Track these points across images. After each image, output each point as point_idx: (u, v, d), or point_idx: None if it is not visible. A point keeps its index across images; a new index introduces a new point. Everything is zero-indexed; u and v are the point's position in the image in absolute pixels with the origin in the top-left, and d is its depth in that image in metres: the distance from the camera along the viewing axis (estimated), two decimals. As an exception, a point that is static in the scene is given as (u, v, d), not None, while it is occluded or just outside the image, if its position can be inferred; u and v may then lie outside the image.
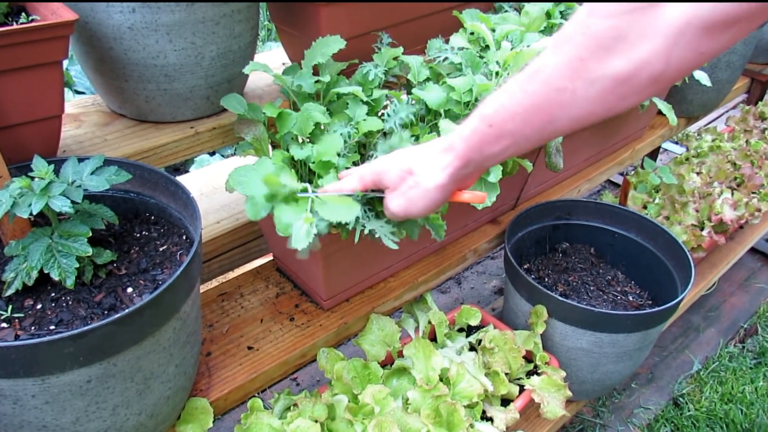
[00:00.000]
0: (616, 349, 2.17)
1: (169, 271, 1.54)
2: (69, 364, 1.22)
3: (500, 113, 1.27)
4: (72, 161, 1.51)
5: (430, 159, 1.42)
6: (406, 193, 1.46)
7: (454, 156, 1.38)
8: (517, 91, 1.24)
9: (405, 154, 1.47)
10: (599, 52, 1.11)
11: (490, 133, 1.30)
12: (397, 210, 1.49)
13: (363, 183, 1.54)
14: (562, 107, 1.20)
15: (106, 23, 1.68)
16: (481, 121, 1.31)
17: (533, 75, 1.21)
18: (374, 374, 1.88)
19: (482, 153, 1.35)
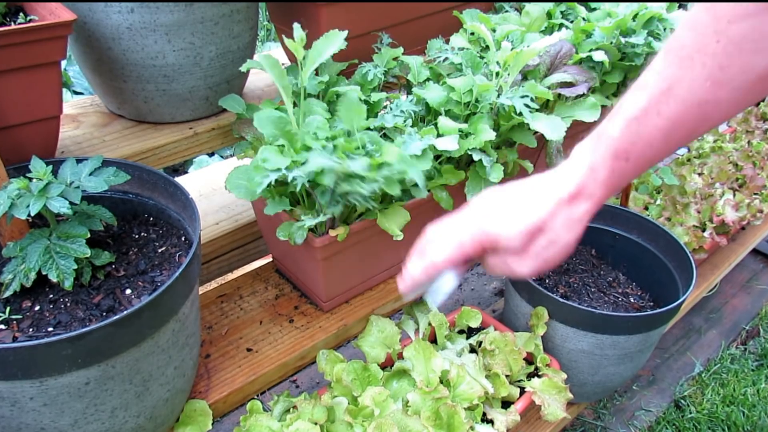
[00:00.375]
0: (617, 351, 2.17)
1: (167, 272, 1.54)
2: (67, 366, 1.22)
3: (637, 145, 1.13)
4: (70, 162, 1.51)
5: (562, 212, 1.22)
6: (539, 255, 1.24)
7: (591, 203, 1.22)
8: (649, 116, 1.11)
9: (519, 209, 1.23)
10: (742, 56, 1.02)
11: (629, 168, 1.17)
12: (528, 272, 1.25)
13: (465, 250, 1.27)
14: (704, 119, 1.10)
15: (104, 23, 1.69)
16: (616, 158, 1.16)
17: (666, 95, 1.09)
18: (374, 376, 1.88)
19: (620, 187, 1.23)
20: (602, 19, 2.44)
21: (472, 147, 1.84)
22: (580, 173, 1.20)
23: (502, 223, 1.22)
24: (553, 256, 1.23)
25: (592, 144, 1.19)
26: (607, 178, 1.18)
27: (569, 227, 1.22)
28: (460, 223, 1.28)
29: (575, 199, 1.21)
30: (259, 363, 1.83)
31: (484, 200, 1.28)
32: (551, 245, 1.22)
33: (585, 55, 2.25)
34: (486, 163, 1.87)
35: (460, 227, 1.28)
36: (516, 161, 2.08)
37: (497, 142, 2.04)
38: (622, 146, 1.14)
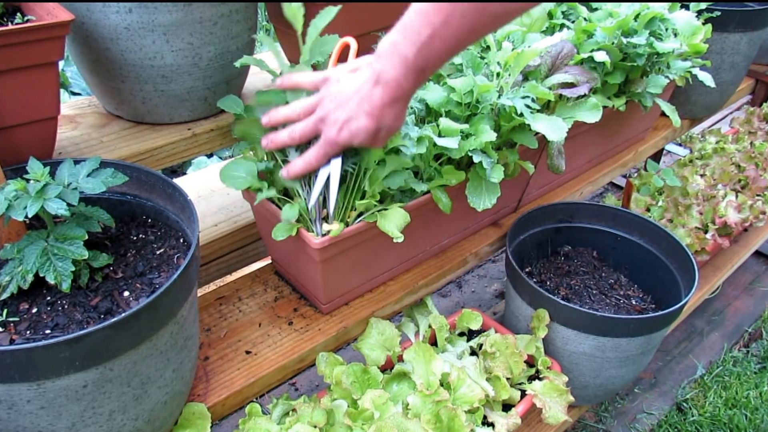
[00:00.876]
0: (619, 353, 2.17)
1: (166, 274, 1.54)
2: (65, 369, 1.22)
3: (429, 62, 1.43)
4: (68, 163, 1.51)
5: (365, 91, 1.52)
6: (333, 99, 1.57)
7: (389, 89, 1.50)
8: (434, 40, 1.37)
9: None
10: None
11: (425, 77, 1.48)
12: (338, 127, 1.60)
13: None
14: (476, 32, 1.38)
15: (102, 23, 1.69)
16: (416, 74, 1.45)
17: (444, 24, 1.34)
18: (374, 379, 1.88)
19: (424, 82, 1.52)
20: (604, 20, 2.44)
21: (472, 148, 1.84)
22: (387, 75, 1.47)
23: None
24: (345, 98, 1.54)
25: (393, 60, 1.45)
26: (413, 84, 1.48)
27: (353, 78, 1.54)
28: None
29: (376, 84, 1.49)
30: (258, 365, 1.83)
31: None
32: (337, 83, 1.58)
33: (586, 55, 2.25)
34: (486, 165, 1.87)
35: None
36: (517, 162, 2.08)
37: (498, 143, 2.04)
38: (417, 65, 1.42)
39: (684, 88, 3.06)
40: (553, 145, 2.20)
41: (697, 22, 2.60)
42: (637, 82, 2.47)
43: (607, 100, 2.39)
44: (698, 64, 2.66)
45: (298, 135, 1.64)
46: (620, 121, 2.75)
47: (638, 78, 2.49)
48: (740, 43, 2.94)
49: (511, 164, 2.07)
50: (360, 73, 1.54)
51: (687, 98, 3.16)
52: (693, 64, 2.63)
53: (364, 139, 1.56)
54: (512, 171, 2.09)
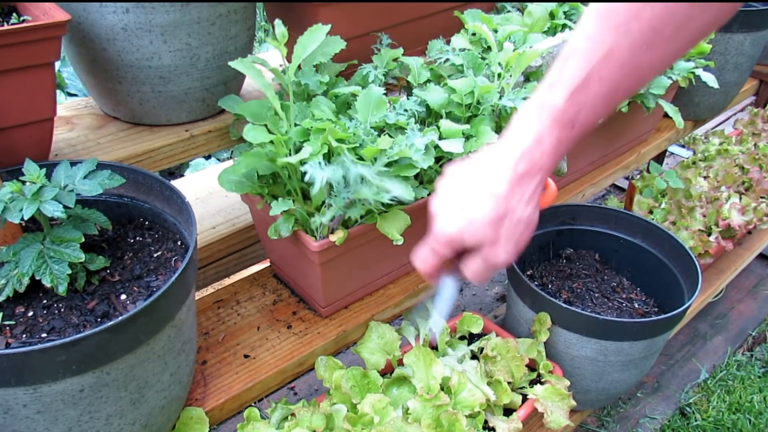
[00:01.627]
0: (622, 357, 2.17)
1: (163, 277, 1.54)
2: (61, 373, 1.22)
3: (581, 112, 1.19)
4: (64, 165, 1.51)
5: (517, 191, 1.23)
6: (510, 238, 1.27)
7: (541, 175, 1.24)
8: (591, 83, 1.16)
9: (476, 204, 1.25)
10: (675, 19, 1.10)
11: (574, 134, 1.22)
12: (509, 257, 1.29)
13: (438, 257, 1.35)
14: (640, 78, 1.18)
15: (99, 24, 1.69)
16: (564, 128, 1.20)
17: (606, 61, 1.14)
18: (373, 383, 1.88)
19: (566, 153, 1.28)
20: (606, 20, 2.44)
21: (474, 149, 1.85)
22: (527, 146, 1.22)
23: (462, 224, 1.25)
24: (522, 234, 1.27)
25: (536, 114, 1.21)
26: (554, 147, 1.21)
27: (526, 204, 1.24)
28: (432, 231, 1.33)
29: (526, 176, 1.22)
30: (257, 370, 1.83)
31: (442, 204, 1.31)
32: (517, 225, 1.25)
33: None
34: (488, 166, 1.87)
35: (431, 236, 1.33)
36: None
37: (499, 145, 2.04)
38: (567, 116, 1.18)
39: (687, 89, 3.06)
40: (555, 147, 2.20)
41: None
42: (639, 83, 2.47)
43: (610, 102, 2.39)
44: (702, 64, 2.66)
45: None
46: (623, 123, 2.75)
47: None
48: (744, 44, 2.94)
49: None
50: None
51: (690, 99, 3.17)
52: (696, 64, 2.63)
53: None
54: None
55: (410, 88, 2.14)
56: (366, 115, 1.82)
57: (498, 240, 1.25)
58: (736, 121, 3.89)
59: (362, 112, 1.82)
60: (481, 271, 1.31)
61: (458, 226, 1.25)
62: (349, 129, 1.73)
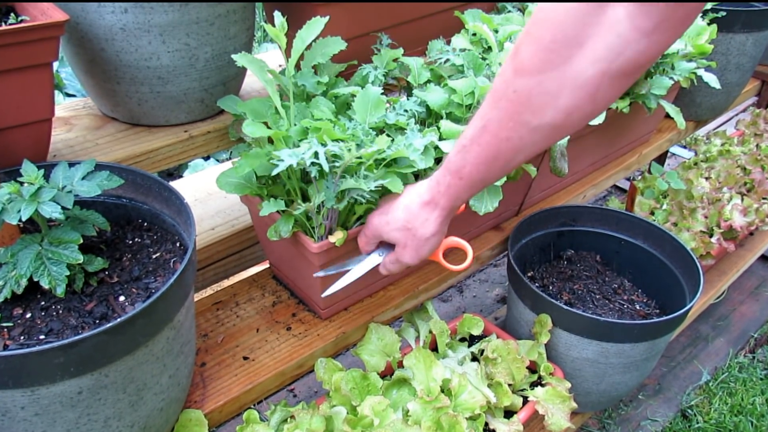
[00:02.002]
0: (623, 359, 2.17)
1: (162, 279, 1.53)
2: (59, 375, 1.22)
3: (466, 167, 1.49)
4: (62, 166, 1.51)
5: (420, 214, 1.64)
6: (411, 246, 1.69)
7: (439, 209, 1.61)
8: (473, 146, 1.44)
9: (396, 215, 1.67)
10: (531, 106, 1.32)
11: (463, 185, 1.53)
12: (410, 261, 1.73)
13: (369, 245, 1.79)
14: (515, 151, 1.41)
15: (97, 24, 1.69)
16: (453, 176, 1.53)
17: (482, 130, 1.41)
18: (373, 385, 1.88)
19: (460, 198, 1.59)
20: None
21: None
22: (432, 185, 1.61)
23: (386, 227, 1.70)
24: (421, 246, 1.68)
25: (443, 164, 1.57)
26: (446, 190, 1.57)
27: (425, 225, 1.64)
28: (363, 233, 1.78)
29: (428, 205, 1.62)
30: (256, 372, 1.83)
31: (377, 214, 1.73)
32: (416, 238, 1.67)
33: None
34: (488, 167, 1.87)
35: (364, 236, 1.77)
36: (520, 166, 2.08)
37: (499, 146, 2.04)
38: (455, 167, 1.52)
39: (689, 90, 3.06)
40: (556, 148, 2.20)
41: (702, 22, 2.60)
42: (641, 83, 2.47)
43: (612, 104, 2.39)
44: (703, 65, 2.66)
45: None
46: (624, 123, 2.75)
47: (642, 79, 2.49)
48: (746, 44, 2.94)
49: (513, 167, 2.07)
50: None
51: (692, 100, 3.16)
52: (698, 65, 2.63)
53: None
54: (514, 174, 2.09)
55: (410, 88, 2.14)
56: (364, 115, 1.82)
57: (406, 245, 1.69)
58: (738, 122, 3.89)
59: (360, 112, 1.83)
60: (391, 262, 1.78)
61: (380, 225, 1.71)
62: (348, 129, 1.73)
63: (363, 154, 1.60)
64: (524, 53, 1.27)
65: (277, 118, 1.80)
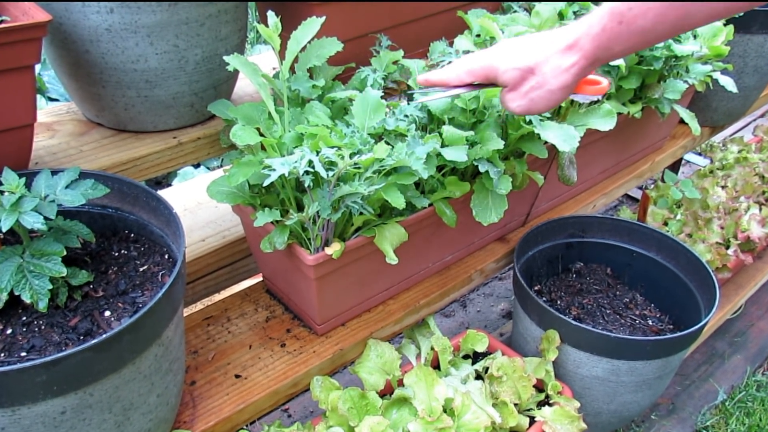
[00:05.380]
0: (635, 377, 2.17)
1: (150, 293, 1.54)
2: (42, 394, 1.22)
3: (633, 9, 1.32)
4: (45, 174, 1.51)
5: (554, 58, 1.47)
6: (528, 94, 1.53)
7: (580, 55, 1.44)
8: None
9: (521, 49, 1.51)
10: None
11: (621, 31, 1.36)
12: (517, 110, 1.58)
13: (473, 76, 1.61)
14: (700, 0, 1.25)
15: (81, 24, 1.69)
16: (611, 18, 1.36)
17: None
18: (372, 405, 1.88)
19: (610, 51, 1.42)
20: (617, 20, 2.44)
21: (478, 157, 1.85)
22: (578, 28, 1.44)
23: (504, 59, 1.52)
24: (539, 98, 1.53)
25: (599, 7, 1.41)
26: (598, 34, 1.40)
27: (556, 74, 1.47)
28: (474, 56, 1.60)
29: (568, 50, 1.45)
30: (249, 390, 1.83)
31: (502, 42, 1.58)
32: (539, 87, 1.50)
33: (599, 58, 2.25)
34: (493, 175, 1.87)
35: (473, 58, 1.60)
36: (525, 173, 2.08)
37: (505, 153, 2.04)
38: (618, 8, 1.35)
39: (704, 94, 3.06)
40: (564, 155, 2.21)
41: (719, 23, 2.60)
42: (653, 87, 2.48)
43: (622, 107, 2.39)
44: (719, 67, 2.66)
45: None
46: (636, 129, 2.76)
47: (655, 83, 2.49)
48: (764, 46, 2.94)
49: (519, 175, 2.07)
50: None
51: (707, 104, 3.17)
52: (714, 67, 2.63)
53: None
54: (520, 182, 2.09)
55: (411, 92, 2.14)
56: (363, 121, 1.82)
57: (518, 88, 1.53)
58: (755, 128, 3.89)
59: (359, 117, 1.82)
60: (502, 103, 1.62)
61: (497, 58, 1.53)
62: (345, 136, 1.73)
63: (360, 162, 1.60)
64: None
65: (270, 124, 1.80)
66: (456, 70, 1.61)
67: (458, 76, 1.61)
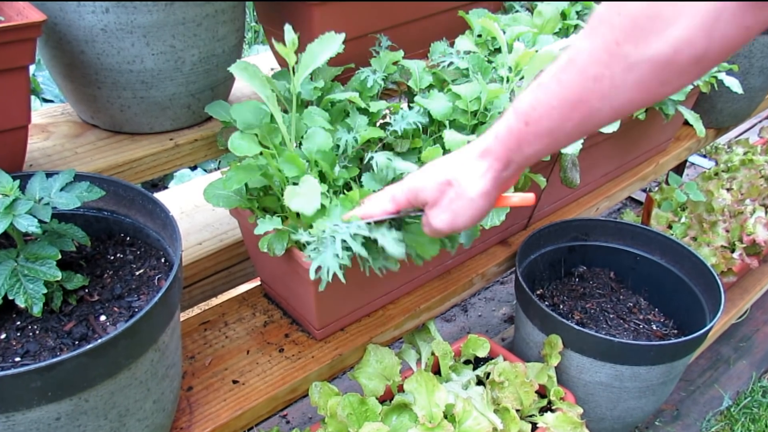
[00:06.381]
0: (639, 383, 2.17)
1: (146, 297, 1.54)
2: (36, 400, 1.22)
3: (536, 109, 1.28)
4: (39, 176, 1.51)
5: (468, 166, 1.43)
6: (449, 207, 1.47)
7: (492, 159, 1.40)
8: (551, 82, 1.25)
9: (439, 166, 1.48)
10: (635, 32, 1.11)
11: (528, 132, 1.32)
12: (441, 226, 1.50)
13: (396, 203, 1.57)
14: (602, 97, 1.21)
15: (77, 24, 1.69)
16: (516, 120, 1.32)
17: (568, 64, 1.22)
18: (372, 411, 1.88)
19: (522, 153, 1.37)
20: (621, 20, 2.44)
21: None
22: (489, 134, 1.40)
23: (424, 178, 1.49)
24: (460, 209, 1.46)
25: (507, 109, 1.36)
26: (506, 136, 1.36)
27: (473, 182, 1.42)
28: (397, 184, 1.57)
29: (481, 156, 1.40)
30: (246, 396, 1.83)
31: (424, 166, 1.53)
32: (458, 198, 1.45)
33: (602, 58, 2.25)
34: (495, 177, 1.87)
35: (396, 186, 1.57)
36: (527, 175, 2.08)
37: (507, 155, 2.04)
38: (523, 109, 1.30)
39: (709, 95, 3.07)
40: (567, 157, 2.21)
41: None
42: (657, 88, 2.47)
43: (626, 108, 2.39)
44: (725, 68, 2.66)
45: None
46: (640, 131, 2.76)
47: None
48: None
49: (521, 178, 2.07)
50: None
51: (712, 106, 3.17)
52: (719, 68, 2.63)
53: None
54: (522, 184, 2.09)
55: (411, 93, 2.14)
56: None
57: (439, 203, 1.48)
58: (761, 129, 3.89)
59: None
60: (426, 227, 1.56)
61: (420, 181, 1.50)
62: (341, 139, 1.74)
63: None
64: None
65: (271, 129, 1.80)
66: (379, 201, 1.59)
67: (382, 208, 1.59)
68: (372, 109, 1.96)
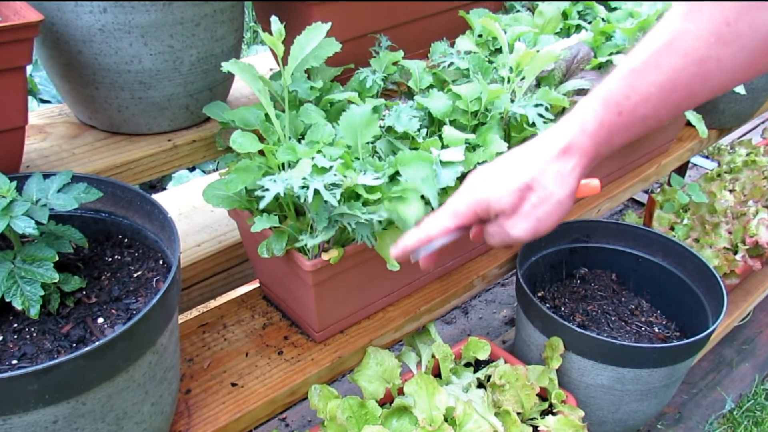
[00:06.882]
0: (640, 386, 2.17)
1: (144, 299, 1.53)
2: (33, 403, 1.22)
3: (631, 98, 1.22)
4: (36, 177, 1.51)
5: (551, 166, 1.32)
6: (531, 213, 1.36)
7: (579, 155, 1.31)
8: (648, 68, 1.19)
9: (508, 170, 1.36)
10: (751, 10, 1.06)
11: (620, 122, 1.25)
12: (522, 234, 1.38)
13: (459, 218, 1.44)
14: (705, 81, 1.17)
15: (74, 24, 1.69)
16: (607, 111, 1.25)
17: (667, 48, 1.16)
18: (372, 414, 1.88)
19: (611, 145, 1.30)
20: (623, 20, 2.44)
21: (481, 160, 1.84)
22: (571, 127, 1.30)
23: (491, 186, 1.36)
24: (546, 214, 1.35)
25: (588, 97, 1.28)
26: (596, 130, 1.27)
27: (560, 182, 1.31)
28: (456, 195, 1.44)
29: (565, 153, 1.30)
30: (245, 399, 1.83)
31: (478, 172, 1.43)
32: (542, 202, 1.33)
33: (605, 59, 2.25)
34: (495, 179, 1.87)
35: (455, 198, 1.44)
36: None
37: (507, 155, 2.04)
38: (614, 98, 1.23)
39: (711, 96, 3.06)
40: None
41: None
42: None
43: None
44: (726, 68, 2.66)
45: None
46: (641, 132, 2.75)
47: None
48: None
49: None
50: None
51: (714, 106, 3.16)
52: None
53: None
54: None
55: (411, 94, 2.14)
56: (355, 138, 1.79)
57: (518, 211, 1.36)
58: (764, 130, 3.89)
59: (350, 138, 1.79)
60: (492, 234, 1.43)
61: (488, 190, 1.36)
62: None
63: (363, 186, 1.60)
64: None
65: (267, 127, 1.80)
66: (439, 219, 1.45)
67: (442, 225, 1.44)
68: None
